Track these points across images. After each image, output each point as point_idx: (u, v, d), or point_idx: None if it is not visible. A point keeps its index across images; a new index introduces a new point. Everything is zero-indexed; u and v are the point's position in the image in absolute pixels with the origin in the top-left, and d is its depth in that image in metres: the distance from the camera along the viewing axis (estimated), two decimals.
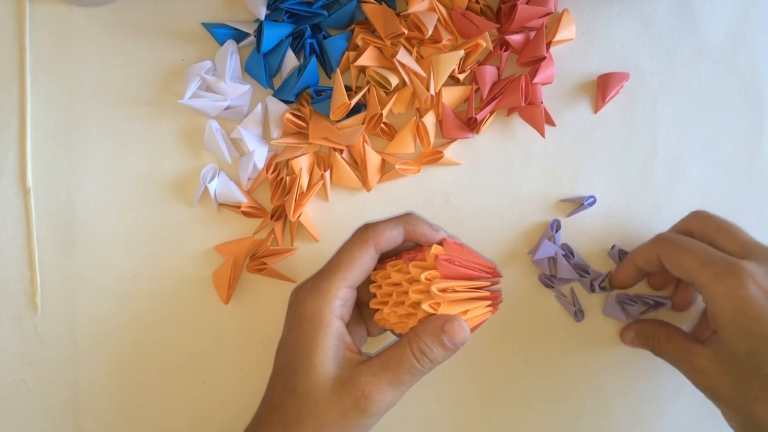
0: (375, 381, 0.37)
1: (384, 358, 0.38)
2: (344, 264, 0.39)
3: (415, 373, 0.38)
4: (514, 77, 0.47)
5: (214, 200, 0.48)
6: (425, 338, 0.37)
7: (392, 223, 0.41)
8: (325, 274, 0.40)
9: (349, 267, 0.39)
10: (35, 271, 0.49)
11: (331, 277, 0.39)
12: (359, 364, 0.38)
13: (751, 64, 0.49)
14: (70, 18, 0.49)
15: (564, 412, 0.49)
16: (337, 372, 0.38)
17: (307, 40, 0.47)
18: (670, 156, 0.49)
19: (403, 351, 0.38)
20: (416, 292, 0.38)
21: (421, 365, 0.38)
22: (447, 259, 0.38)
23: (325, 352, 0.38)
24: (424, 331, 0.38)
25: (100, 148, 0.49)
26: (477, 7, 0.47)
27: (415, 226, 0.40)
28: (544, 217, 0.48)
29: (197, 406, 0.49)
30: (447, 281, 0.38)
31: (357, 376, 0.37)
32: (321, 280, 0.39)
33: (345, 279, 0.39)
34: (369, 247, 0.40)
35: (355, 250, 0.40)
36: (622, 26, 0.49)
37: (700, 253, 0.40)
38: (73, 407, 0.49)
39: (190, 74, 0.47)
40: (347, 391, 0.37)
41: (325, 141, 0.47)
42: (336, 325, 0.38)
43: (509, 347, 0.49)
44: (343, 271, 0.39)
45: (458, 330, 0.37)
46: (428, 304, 0.38)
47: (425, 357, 0.37)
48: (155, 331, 0.49)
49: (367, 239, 0.40)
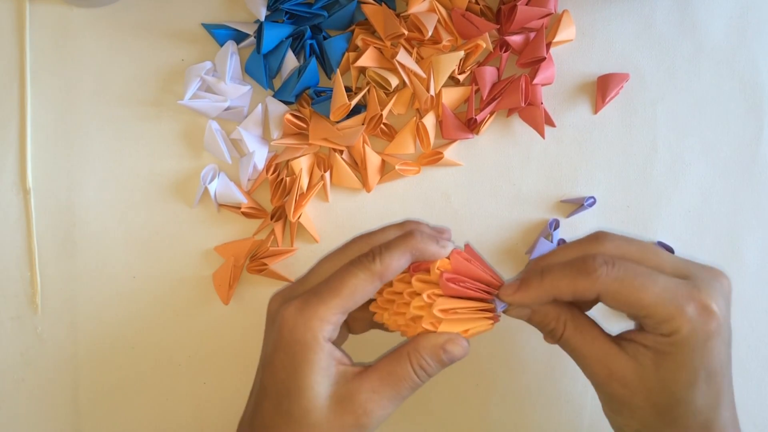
0: (376, 397, 0.37)
1: (384, 374, 0.37)
2: (345, 292, 0.37)
3: (414, 387, 0.38)
4: (514, 78, 0.47)
5: (214, 201, 0.48)
6: (425, 355, 0.37)
7: (399, 252, 0.37)
8: (320, 295, 0.37)
9: (350, 297, 0.37)
10: (35, 271, 0.49)
11: (327, 302, 0.37)
12: (354, 377, 0.37)
13: (751, 64, 0.49)
14: (70, 18, 0.49)
15: (564, 412, 0.49)
16: (333, 389, 0.37)
17: (307, 40, 0.47)
18: (670, 156, 0.49)
19: (403, 367, 0.37)
20: (417, 308, 0.38)
21: (420, 380, 0.38)
22: (451, 279, 0.37)
23: (319, 373, 0.37)
24: (424, 348, 0.37)
25: (100, 148, 0.49)
26: (477, 7, 0.47)
27: (424, 252, 0.38)
28: (543, 217, 0.48)
29: (197, 406, 0.49)
30: (450, 301, 0.37)
31: (356, 393, 0.37)
32: (315, 302, 0.37)
33: (342, 307, 0.37)
34: (375, 281, 0.37)
35: (359, 281, 0.37)
36: (622, 26, 0.49)
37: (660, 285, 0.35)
38: (73, 407, 0.49)
39: (191, 75, 0.47)
40: (346, 408, 0.36)
41: (325, 142, 0.47)
42: (328, 347, 0.37)
43: (509, 347, 0.49)
44: (343, 298, 0.37)
45: (459, 350, 0.37)
46: (429, 322, 0.37)
47: (424, 372, 0.37)
48: (155, 331, 0.49)
49: (374, 272, 0.37)
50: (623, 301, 0.35)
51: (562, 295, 0.37)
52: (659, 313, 0.35)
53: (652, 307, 0.35)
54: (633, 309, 0.35)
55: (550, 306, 0.38)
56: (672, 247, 0.48)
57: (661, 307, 0.35)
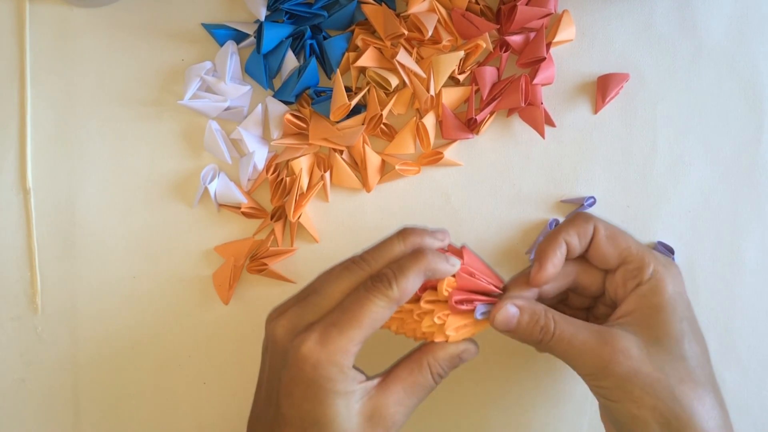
0: (402, 409, 0.38)
1: (407, 385, 0.38)
2: (365, 322, 0.36)
3: (431, 391, 0.40)
4: (514, 78, 0.47)
5: (214, 201, 0.48)
6: (444, 365, 0.39)
7: (413, 274, 0.37)
8: (340, 326, 0.36)
9: (371, 326, 0.37)
10: (35, 272, 0.49)
11: (348, 334, 0.36)
12: (377, 391, 0.38)
13: (751, 64, 0.49)
14: (70, 18, 0.49)
15: (564, 412, 0.49)
16: (358, 407, 0.37)
17: (307, 40, 0.47)
18: (670, 156, 0.49)
19: (425, 377, 0.39)
20: (428, 327, 0.39)
21: (436, 385, 0.40)
22: (460, 300, 0.39)
23: (345, 399, 0.37)
24: (443, 359, 0.39)
25: (100, 148, 0.49)
26: (477, 7, 0.47)
27: (435, 272, 0.38)
28: (543, 217, 0.48)
29: (197, 407, 0.49)
30: (459, 319, 0.39)
31: (384, 408, 0.38)
32: (336, 335, 0.36)
33: (364, 337, 0.37)
34: (393, 307, 0.37)
35: (378, 308, 0.37)
36: (622, 26, 0.49)
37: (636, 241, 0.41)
38: (73, 407, 0.49)
39: (190, 75, 0.47)
40: (377, 423, 0.37)
41: (325, 142, 0.47)
42: (351, 374, 0.37)
43: (508, 347, 0.49)
44: (363, 329, 0.36)
45: (473, 356, 0.40)
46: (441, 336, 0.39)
47: (441, 378, 0.40)
48: (155, 331, 0.49)
49: (392, 299, 0.37)
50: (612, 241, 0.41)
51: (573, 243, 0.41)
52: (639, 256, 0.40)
53: (634, 249, 0.40)
54: (619, 249, 0.40)
55: (537, 305, 0.40)
56: (672, 247, 0.48)
57: (641, 252, 0.40)
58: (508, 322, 0.39)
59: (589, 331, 0.38)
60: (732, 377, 0.48)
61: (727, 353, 0.48)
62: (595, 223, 0.41)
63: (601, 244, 0.41)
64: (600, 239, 0.41)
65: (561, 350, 0.39)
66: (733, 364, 0.49)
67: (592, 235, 0.41)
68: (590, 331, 0.38)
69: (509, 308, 0.39)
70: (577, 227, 0.41)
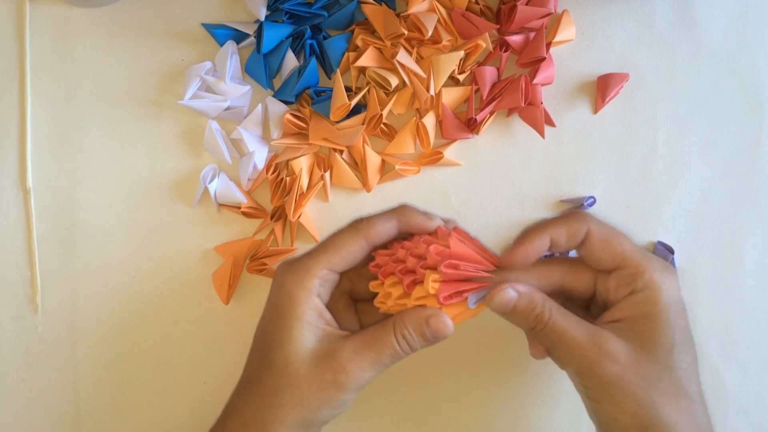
0: (356, 358, 0.38)
1: (368, 337, 0.39)
2: (331, 249, 0.40)
3: (395, 356, 0.39)
4: (513, 78, 0.47)
5: (214, 201, 0.48)
6: (409, 326, 0.38)
7: (385, 217, 0.40)
8: (310, 254, 0.40)
9: (336, 252, 0.40)
10: (35, 271, 0.49)
11: (315, 257, 0.39)
12: (340, 338, 0.39)
13: (751, 64, 0.49)
14: (70, 18, 0.49)
15: (564, 412, 0.49)
16: (316, 345, 0.38)
17: (307, 40, 0.47)
18: (670, 156, 0.49)
19: (387, 334, 0.39)
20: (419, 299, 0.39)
21: (402, 350, 0.39)
22: (450, 264, 0.38)
23: (303, 326, 0.38)
24: (409, 319, 0.38)
25: (100, 148, 0.49)
26: (477, 7, 0.47)
27: (410, 218, 0.40)
28: (543, 217, 0.48)
29: (197, 406, 0.49)
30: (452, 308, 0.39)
31: (338, 351, 0.38)
32: (304, 259, 0.40)
33: (329, 261, 0.39)
34: (360, 239, 0.40)
35: (344, 238, 0.40)
36: (622, 26, 0.49)
37: (632, 244, 0.40)
38: (73, 407, 0.49)
39: (191, 75, 0.47)
40: (327, 364, 0.38)
41: (325, 141, 0.47)
42: (314, 301, 0.39)
43: (509, 346, 0.49)
44: (329, 254, 0.39)
45: (442, 326, 0.38)
46: None
47: (406, 343, 0.39)
48: (155, 331, 0.49)
49: (359, 230, 0.40)
50: (606, 245, 0.39)
51: (559, 239, 0.40)
52: (635, 262, 0.39)
53: (629, 254, 0.39)
54: (613, 253, 0.39)
55: (537, 293, 0.39)
56: (672, 247, 0.48)
57: (637, 258, 0.39)
58: (506, 304, 0.38)
59: (582, 328, 0.38)
60: (732, 377, 0.48)
61: (727, 353, 0.48)
62: (589, 224, 0.40)
63: (594, 248, 0.40)
64: (593, 242, 0.39)
65: (550, 341, 0.39)
66: (733, 364, 0.49)
67: (584, 236, 0.40)
68: (583, 328, 0.38)
69: (509, 291, 0.38)
70: (568, 225, 0.40)
